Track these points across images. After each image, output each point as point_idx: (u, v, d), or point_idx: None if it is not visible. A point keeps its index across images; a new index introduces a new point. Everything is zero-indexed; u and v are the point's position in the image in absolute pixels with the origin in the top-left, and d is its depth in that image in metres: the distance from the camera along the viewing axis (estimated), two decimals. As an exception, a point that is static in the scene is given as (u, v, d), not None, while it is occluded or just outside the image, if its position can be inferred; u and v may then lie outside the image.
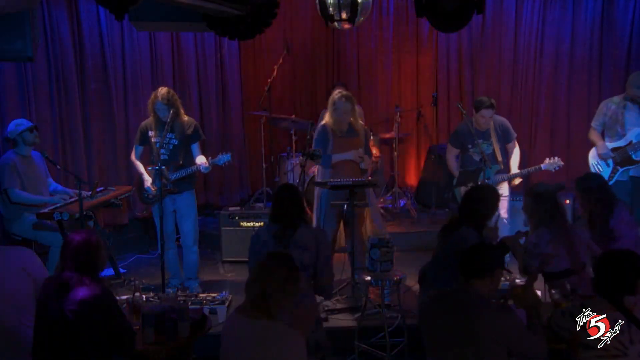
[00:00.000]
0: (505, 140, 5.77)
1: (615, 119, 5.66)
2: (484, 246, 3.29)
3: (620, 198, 4.58)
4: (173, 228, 5.56)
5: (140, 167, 5.46)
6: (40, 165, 5.54)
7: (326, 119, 5.38)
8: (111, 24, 6.50)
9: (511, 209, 5.79)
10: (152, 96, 5.31)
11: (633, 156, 5.57)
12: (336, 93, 5.33)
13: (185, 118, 5.44)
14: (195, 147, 5.44)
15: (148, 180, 5.39)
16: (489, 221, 4.13)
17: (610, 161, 5.66)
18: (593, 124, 5.84)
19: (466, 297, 3.04)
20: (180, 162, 5.34)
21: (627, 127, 5.62)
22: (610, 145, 5.68)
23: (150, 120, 5.41)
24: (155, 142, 5.29)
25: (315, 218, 5.44)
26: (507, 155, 5.79)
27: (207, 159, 5.37)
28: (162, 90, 5.27)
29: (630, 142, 5.57)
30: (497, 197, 4.15)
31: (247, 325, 2.94)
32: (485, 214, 4.02)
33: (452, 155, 5.92)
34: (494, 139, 5.65)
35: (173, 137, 5.34)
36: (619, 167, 5.62)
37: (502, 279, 3.35)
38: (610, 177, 5.61)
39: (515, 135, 5.88)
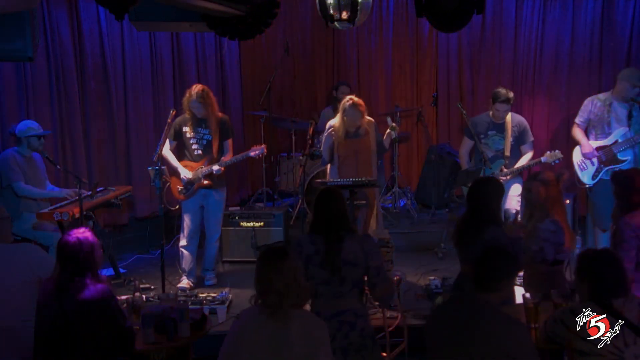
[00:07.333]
0: (520, 141, 5.74)
1: (602, 116, 5.62)
2: (497, 255, 3.03)
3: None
4: (199, 224, 5.62)
5: (174, 160, 5.52)
6: (40, 166, 5.58)
7: (334, 122, 5.48)
8: (111, 24, 6.49)
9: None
10: (187, 94, 5.42)
11: (619, 155, 5.55)
12: (347, 100, 5.41)
13: (220, 115, 5.57)
14: (227, 144, 5.57)
15: (184, 171, 5.47)
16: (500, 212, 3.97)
17: (595, 160, 5.63)
18: (578, 120, 5.78)
19: (475, 307, 2.90)
20: (215, 157, 5.48)
21: (613, 126, 5.58)
22: (595, 144, 5.65)
23: (184, 117, 5.50)
24: (190, 138, 5.48)
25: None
26: (518, 156, 5.76)
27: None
28: (197, 88, 5.39)
29: (616, 141, 5.55)
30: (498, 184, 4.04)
31: (274, 329, 2.73)
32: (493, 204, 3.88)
33: (464, 148, 5.91)
34: (508, 133, 5.62)
35: (207, 133, 5.48)
36: (603, 166, 5.59)
37: None
38: (595, 175, 5.60)
39: (532, 139, 5.84)
